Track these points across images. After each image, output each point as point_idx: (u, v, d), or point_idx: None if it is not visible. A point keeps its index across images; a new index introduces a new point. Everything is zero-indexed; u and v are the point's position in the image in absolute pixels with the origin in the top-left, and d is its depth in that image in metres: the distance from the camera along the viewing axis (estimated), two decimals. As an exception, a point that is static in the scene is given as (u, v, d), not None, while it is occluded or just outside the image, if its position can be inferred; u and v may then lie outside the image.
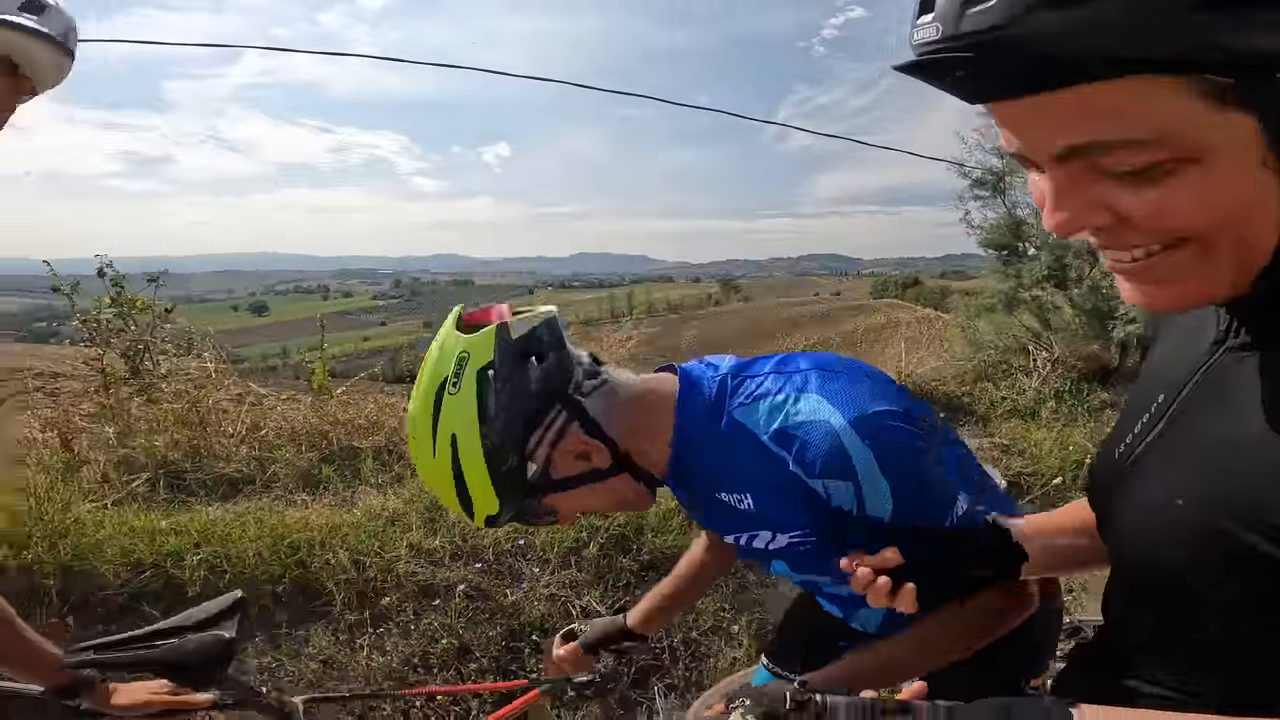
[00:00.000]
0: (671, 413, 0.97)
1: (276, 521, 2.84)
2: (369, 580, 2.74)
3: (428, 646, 2.59)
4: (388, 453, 3.51)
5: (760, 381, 0.96)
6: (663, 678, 2.64)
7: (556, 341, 0.93)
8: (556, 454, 0.93)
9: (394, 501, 3.10)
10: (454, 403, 0.88)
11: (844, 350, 5.87)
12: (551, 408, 0.92)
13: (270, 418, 3.50)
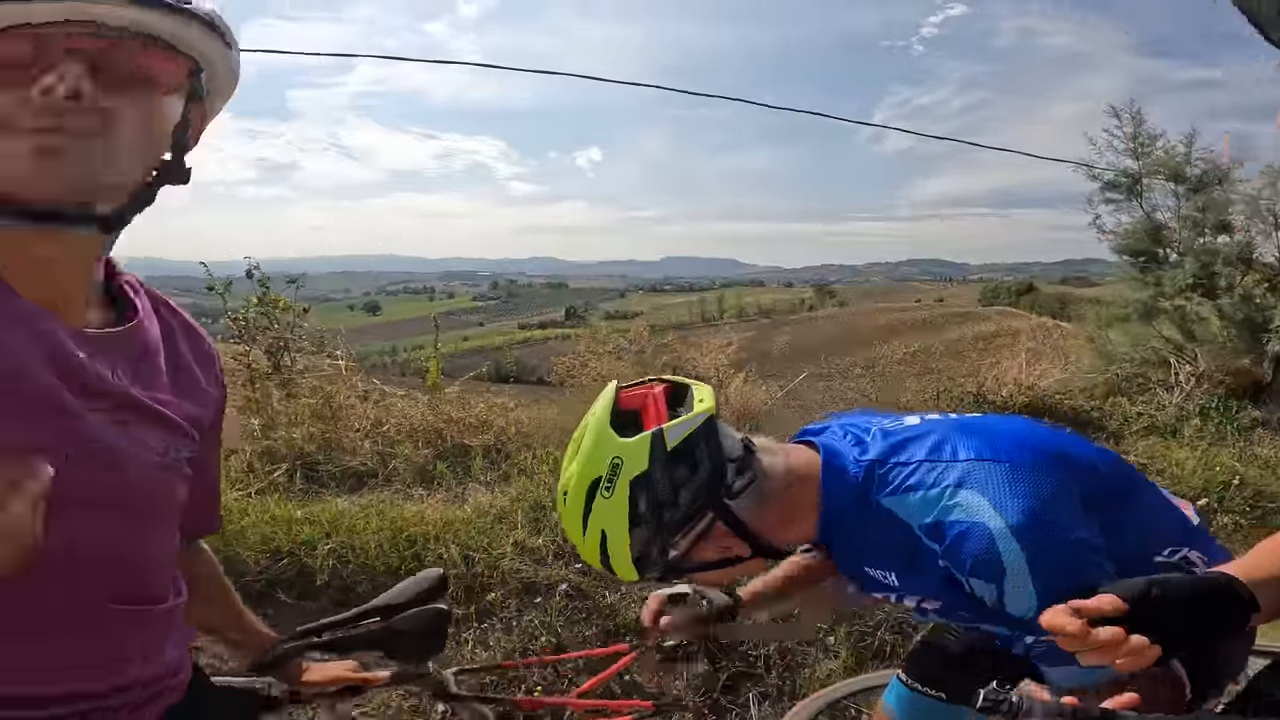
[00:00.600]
0: (816, 498, 0.99)
1: (396, 514, 3.02)
2: (476, 576, 2.86)
3: (527, 642, 2.67)
4: (496, 451, 3.67)
5: (912, 471, 0.95)
6: (756, 685, 2.62)
7: (712, 446, 0.94)
8: (698, 547, 0.98)
9: (501, 500, 3.24)
10: (606, 505, 0.93)
11: (949, 360, 5.60)
12: (701, 515, 0.95)
13: (392, 414, 3.76)
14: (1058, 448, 0.99)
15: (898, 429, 1.04)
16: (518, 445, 3.70)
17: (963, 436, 0.97)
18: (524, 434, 3.79)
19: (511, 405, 4.05)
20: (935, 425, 1.02)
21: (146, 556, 0.78)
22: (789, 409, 4.96)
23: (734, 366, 4.68)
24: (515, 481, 3.39)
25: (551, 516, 3.12)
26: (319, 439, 3.55)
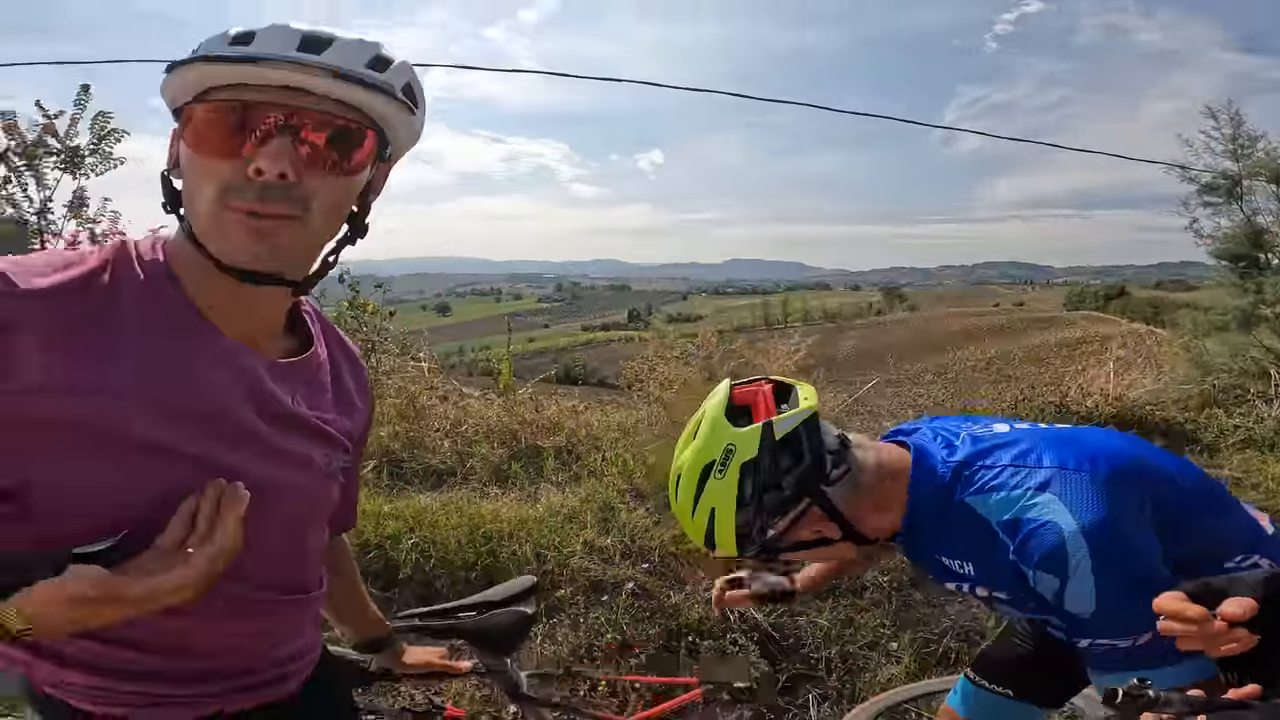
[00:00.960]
0: (904, 492, 1.09)
1: (474, 512, 3.18)
2: (547, 573, 2.97)
3: (593, 639, 2.76)
4: (567, 453, 3.80)
5: (997, 474, 1.03)
6: (816, 686, 2.62)
7: (814, 439, 1.06)
8: (795, 528, 1.09)
9: (572, 500, 3.35)
10: (718, 486, 1.04)
11: (1029, 366, 5.39)
12: (801, 500, 1.06)
13: (469, 415, 3.94)
14: (1137, 461, 1.03)
15: (987, 435, 1.11)
16: (588, 447, 3.81)
17: (1048, 446, 1.03)
18: (593, 437, 3.91)
19: (582, 408, 4.18)
20: (1023, 434, 1.09)
21: (306, 553, 0.91)
22: (857, 416, 4.90)
23: (802, 372, 4.66)
24: (585, 483, 3.50)
25: (620, 518, 3.22)
26: (403, 437, 3.76)
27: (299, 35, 0.72)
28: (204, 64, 0.70)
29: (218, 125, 0.70)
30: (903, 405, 5.00)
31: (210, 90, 0.71)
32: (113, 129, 4.83)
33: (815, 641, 2.73)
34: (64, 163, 4.74)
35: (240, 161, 0.70)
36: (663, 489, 3.51)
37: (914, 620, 2.86)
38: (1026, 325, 30.97)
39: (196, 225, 0.73)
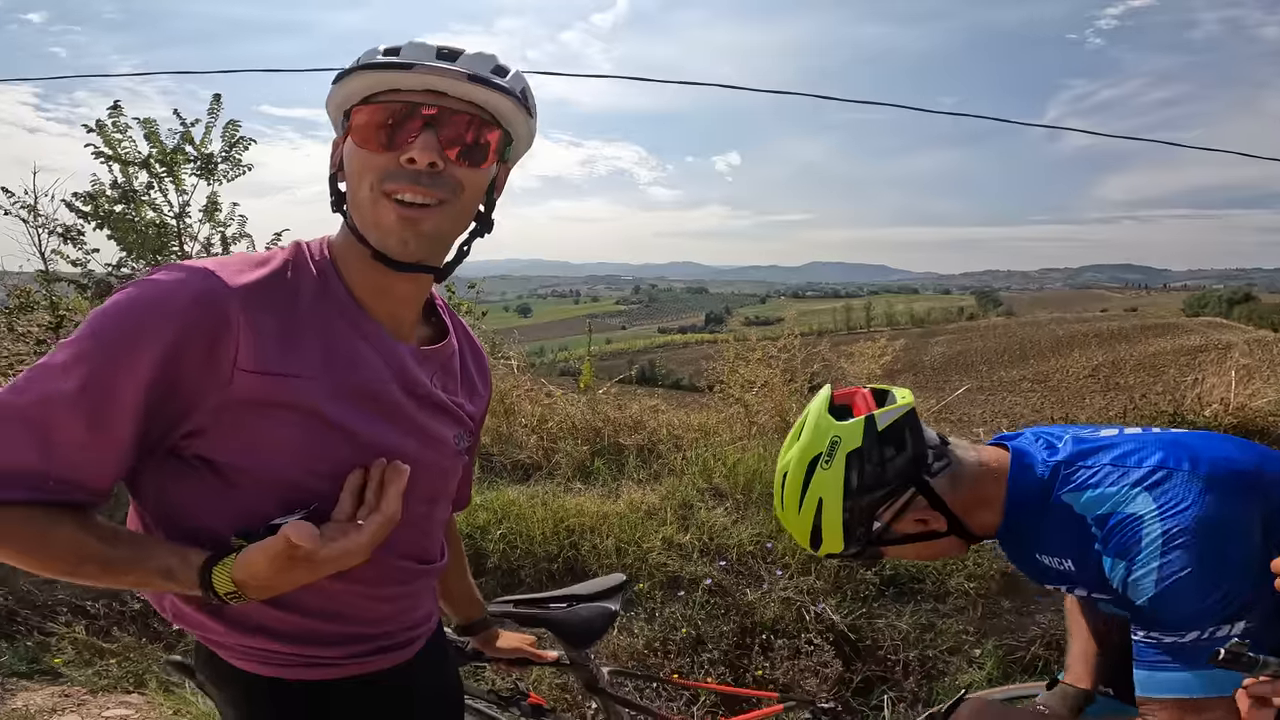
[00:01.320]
0: (1004, 489, 1.12)
1: (558, 505, 3.29)
2: (626, 567, 3.04)
3: (668, 633, 2.80)
4: (648, 451, 3.86)
5: (1095, 472, 1.05)
6: (891, 689, 2.57)
7: (915, 432, 1.11)
8: (901, 519, 1.13)
9: (652, 497, 3.41)
10: (825, 476, 1.10)
11: (1139, 374, 5.01)
12: (905, 488, 1.11)
13: (555, 412, 4.08)
14: (1250, 469, 1.01)
15: (1092, 437, 1.11)
16: (669, 446, 3.86)
17: (1154, 448, 1.03)
18: (674, 436, 3.95)
19: (663, 408, 4.23)
20: (1131, 437, 1.09)
21: (434, 526, 1.01)
22: (946, 423, 4.71)
23: (888, 376, 4.53)
24: (665, 481, 3.55)
25: (698, 516, 3.25)
26: (494, 432, 3.94)
27: (435, 48, 0.83)
28: (365, 72, 0.82)
29: (377, 124, 0.82)
30: (996, 414, 4.75)
31: (371, 95, 0.83)
32: (241, 137, 5.16)
33: (893, 644, 2.68)
34: (199, 169, 5.05)
35: (396, 154, 0.81)
36: (742, 489, 3.50)
37: (1000, 628, 2.77)
38: (1139, 332, 28.54)
39: (357, 216, 0.84)
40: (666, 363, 14.76)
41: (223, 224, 5.17)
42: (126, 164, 4.91)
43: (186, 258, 4.96)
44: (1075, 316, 46.65)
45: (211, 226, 5.14)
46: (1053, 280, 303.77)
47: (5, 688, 2.76)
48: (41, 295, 4.99)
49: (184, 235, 5.04)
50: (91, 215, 4.90)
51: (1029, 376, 9.84)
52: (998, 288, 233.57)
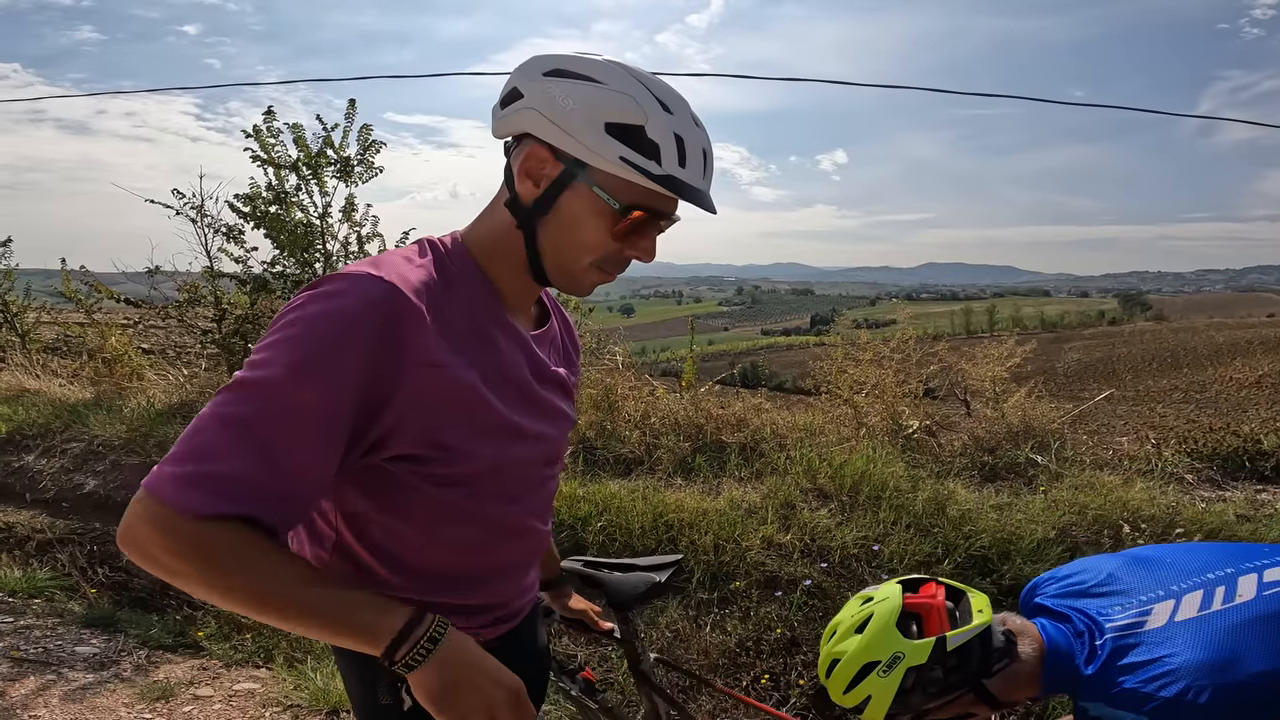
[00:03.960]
0: (1039, 687, 1.16)
1: (658, 500, 3.30)
2: (723, 564, 3.00)
3: (762, 633, 2.74)
4: (750, 450, 3.79)
5: (1120, 690, 1.04)
6: None
7: (985, 649, 1.14)
8: (945, 709, 1.17)
9: (752, 495, 3.34)
10: (879, 681, 1.13)
11: None
12: (958, 689, 1.15)
13: (658, 408, 4.10)
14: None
15: (1140, 629, 1.09)
16: (772, 445, 3.77)
17: (1187, 667, 1.00)
18: (778, 435, 3.85)
19: (767, 407, 4.14)
20: (1173, 635, 1.05)
21: (551, 490, 1.08)
22: (1082, 433, 4.29)
23: (1016, 381, 4.19)
24: (767, 479, 3.48)
25: (800, 516, 3.15)
26: (597, 426, 4.01)
27: (708, 164, 0.89)
28: (664, 192, 0.85)
29: (628, 229, 0.87)
30: (1142, 425, 4.28)
31: (646, 206, 0.86)
32: (374, 140, 5.47)
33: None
34: (338, 171, 5.33)
35: (624, 246, 0.89)
36: (848, 490, 3.35)
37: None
38: (1318, 340, 24.78)
39: (554, 261, 0.89)
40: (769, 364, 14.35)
41: (359, 224, 5.51)
42: (279, 167, 5.32)
43: (329, 256, 5.38)
44: (1237, 321, 41.26)
45: (349, 226, 5.49)
46: (1211, 282, 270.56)
47: (150, 660, 2.98)
48: (208, 290, 5.59)
49: (326, 235, 5.42)
50: (250, 215, 5.36)
51: (1181, 386, 8.73)
52: (1146, 290, 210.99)
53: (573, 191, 0.85)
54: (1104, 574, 1.21)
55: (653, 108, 0.83)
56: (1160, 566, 1.18)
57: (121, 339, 5.89)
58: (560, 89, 0.83)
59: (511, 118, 0.86)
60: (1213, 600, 1.07)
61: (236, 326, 5.54)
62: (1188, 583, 1.11)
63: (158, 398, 4.94)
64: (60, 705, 2.62)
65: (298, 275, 5.41)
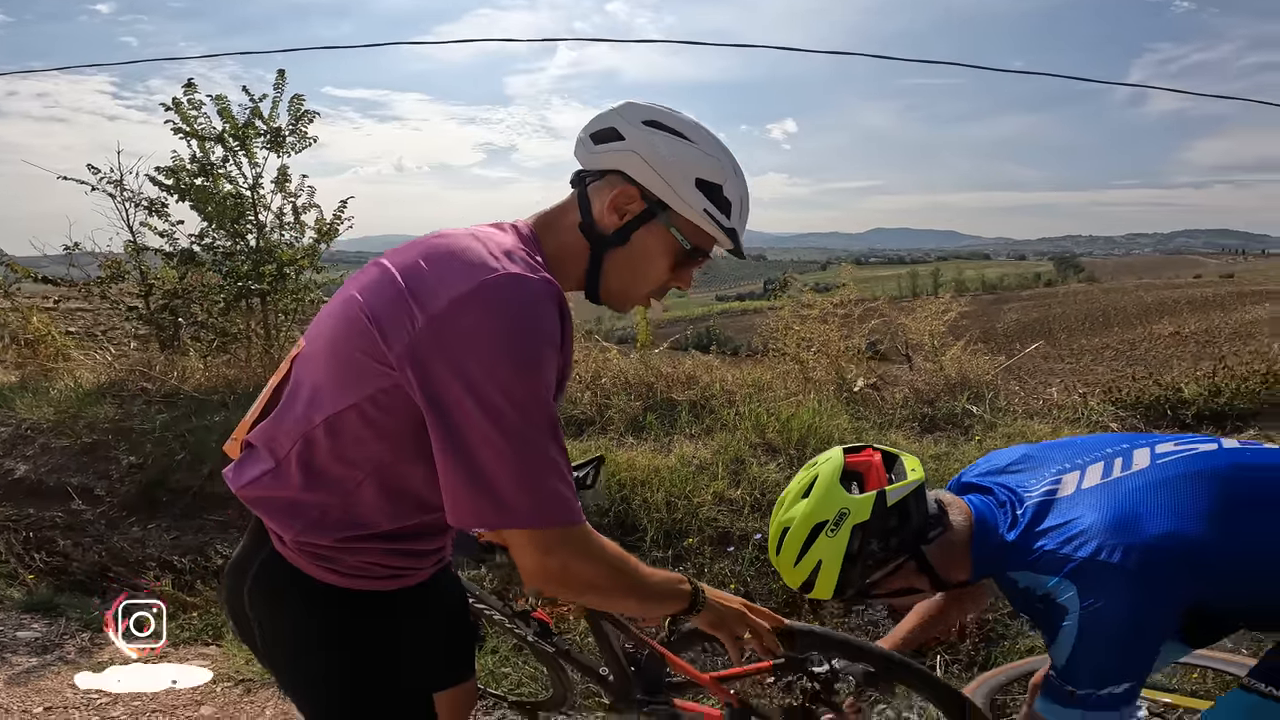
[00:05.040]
0: (971, 557, 1.24)
1: (610, 460, 3.31)
2: (676, 521, 3.06)
3: (717, 588, 2.79)
4: (701, 406, 3.84)
5: (1039, 557, 1.13)
6: (948, 651, 2.52)
7: (920, 506, 1.21)
8: (890, 578, 1.24)
9: (703, 451, 3.40)
10: (828, 543, 1.20)
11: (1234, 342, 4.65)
12: (900, 556, 1.21)
13: (608, 369, 4.10)
14: (1190, 548, 1.06)
15: (1053, 497, 1.19)
16: (722, 402, 3.83)
17: (1100, 529, 1.09)
18: (728, 391, 3.92)
19: (717, 364, 4.20)
20: (1081, 500, 1.15)
21: None
22: (1014, 382, 4.50)
23: (952, 334, 4.35)
24: (718, 436, 3.54)
25: (750, 471, 3.22)
26: (549, 389, 3.99)
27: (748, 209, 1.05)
28: (728, 237, 1.02)
29: (685, 266, 1.04)
30: (1077, 383, 4.51)
31: (697, 250, 1.02)
32: (306, 110, 5.32)
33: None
34: (269, 142, 5.26)
35: (673, 278, 1.05)
36: (795, 444, 3.44)
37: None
38: (1236, 298, 26.35)
39: (617, 286, 1.03)
40: (724, 329, 14.48)
41: (293, 194, 5.40)
42: (203, 139, 5.19)
43: (261, 227, 5.30)
44: (1165, 282, 43.52)
45: (283, 197, 5.38)
46: (1141, 246, 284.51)
47: (94, 641, 2.91)
48: (131, 265, 5.37)
49: (258, 205, 5.29)
50: (173, 189, 5.21)
51: (1113, 344, 9.24)
52: (1079, 253, 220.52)
53: (650, 229, 0.99)
54: (1019, 455, 1.33)
55: (730, 172, 1.00)
56: (1067, 446, 1.30)
57: (44, 319, 5.64)
58: (661, 141, 0.97)
59: (609, 155, 0.99)
60: (1113, 469, 1.18)
61: (165, 302, 5.40)
62: (1090, 456, 1.23)
63: (85, 378, 4.72)
64: (5, 689, 2.55)
65: (229, 247, 5.30)
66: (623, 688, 1.72)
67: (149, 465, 3.81)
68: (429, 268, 0.89)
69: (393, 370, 0.87)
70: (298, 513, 0.95)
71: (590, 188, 1.01)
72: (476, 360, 0.82)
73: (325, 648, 1.01)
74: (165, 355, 4.99)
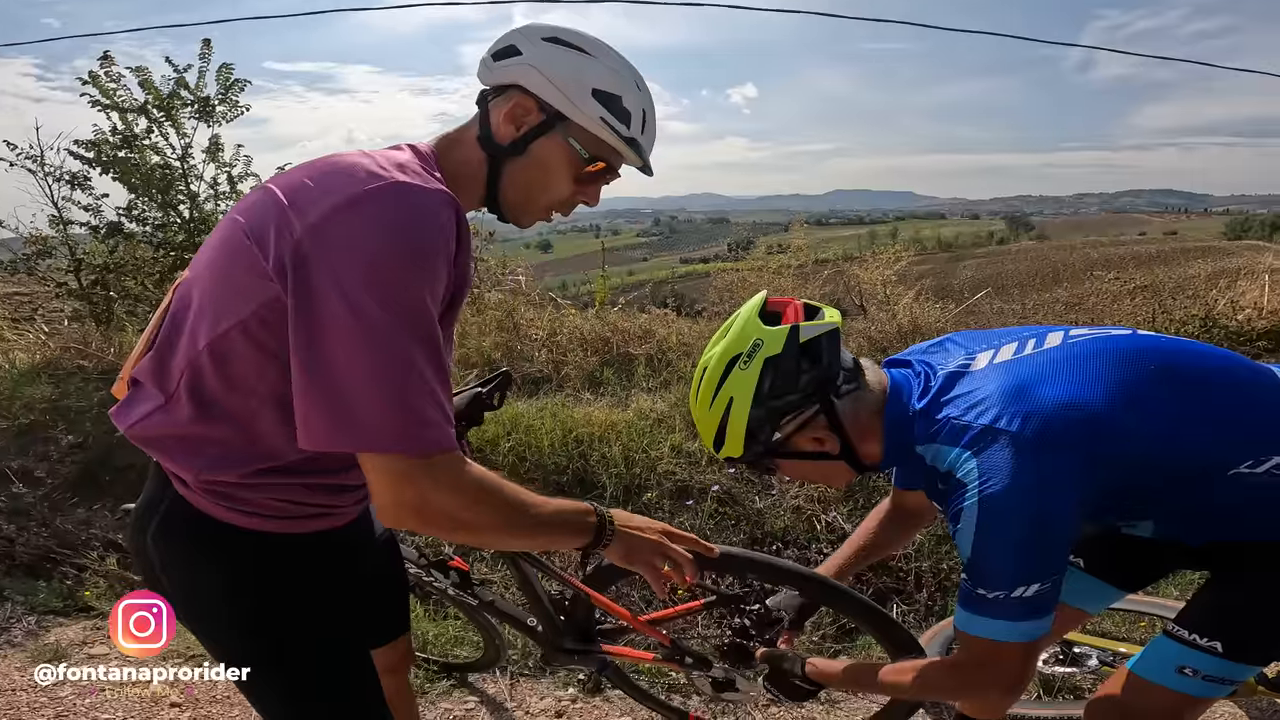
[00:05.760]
0: (883, 426, 1.20)
1: (566, 416, 3.30)
2: (635, 475, 3.06)
3: None
4: (658, 360, 3.84)
5: (942, 427, 1.11)
6: (905, 601, 2.58)
7: (833, 351, 1.17)
8: (800, 434, 1.19)
9: (661, 405, 3.40)
10: (741, 376, 1.15)
11: (1178, 296, 4.83)
12: (810, 402, 1.17)
13: (564, 326, 4.07)
14: (1089, 417, 1.03)
15: (964, 371, 1.16)
16: (679, 354, 3.83)
17: (999, 397, 1.07)
18: (685, 344, 3.92)
19: (673, 318, 4.20)
20: (989, 374, 1.13)
21: None
22: (965, 329, 4.62)
23: (902, 282, 4.43)
24: (675, 388, 3.54)
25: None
26: (503, 347, 3.95)
27: (655, 135, 1.06)
28: (630, 149, 1.01)
29: (593, 178, 1.02)
30: (1020, 326, 4.64)
31: (609, 159, 1.02)
32: (236, 79, 5.30)
33: (906, 554, 2.67)
34: (198, 112, 5.23)
35: (576, 190, 1.03)
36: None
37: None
38: (1178, 254, 27.36)
39: (514, 197, 1.01)
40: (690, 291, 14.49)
41: (228, 164, 5.36)
42: (124, 111, 5.11)
43: (194, 197, 5.25)
44: (1111, 240, 44.84)
45: (217, 167, 5.34)
46: (1088, 206, 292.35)
47: (40, 624, 2.82)
48: (58, 240, 5.20)
49: (189, 176, 5.25)
50: (95, 161, 5.12)
51: (1062, 298, 9.53)
52: (1029, 213, 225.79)
53: (548, 139, 0.98)
54: (944, 340, 1.31)
55: (630, 85, 1.00)
56: (989, 333, 1.29)
57: (-27, 303, 5.38)
58: (560, 54, 0.97)
59: (508, 70, 0.98)
60: (1025, 348, 1.16)
61: (97, 277, 5.26)
62: (1007, 337, 1.21)
63: (20, 359, 4.51)
64: (-51, 675, 2.45)
65: (160, 219, 5.25)
66: (552, 638, 1.67)
67: (90, 444, 3.67)
68: (313, 182, 0.85)
69: (271, 281, 0.82)
70: (197, 449, 0.90)
71: (491, 104, 1.00)
72: (353, 266, 0.78)
73: (240, 595, 0.96)
74: (101, 331, 4.80)
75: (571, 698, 2.11)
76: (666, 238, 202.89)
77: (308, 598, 0.99)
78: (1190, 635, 1.15)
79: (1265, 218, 69.82)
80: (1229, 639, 1.11)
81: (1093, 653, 2.04)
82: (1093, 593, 1.45)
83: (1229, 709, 2.00)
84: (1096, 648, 2.05)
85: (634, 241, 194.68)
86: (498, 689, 2.18)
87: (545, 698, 2.14)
